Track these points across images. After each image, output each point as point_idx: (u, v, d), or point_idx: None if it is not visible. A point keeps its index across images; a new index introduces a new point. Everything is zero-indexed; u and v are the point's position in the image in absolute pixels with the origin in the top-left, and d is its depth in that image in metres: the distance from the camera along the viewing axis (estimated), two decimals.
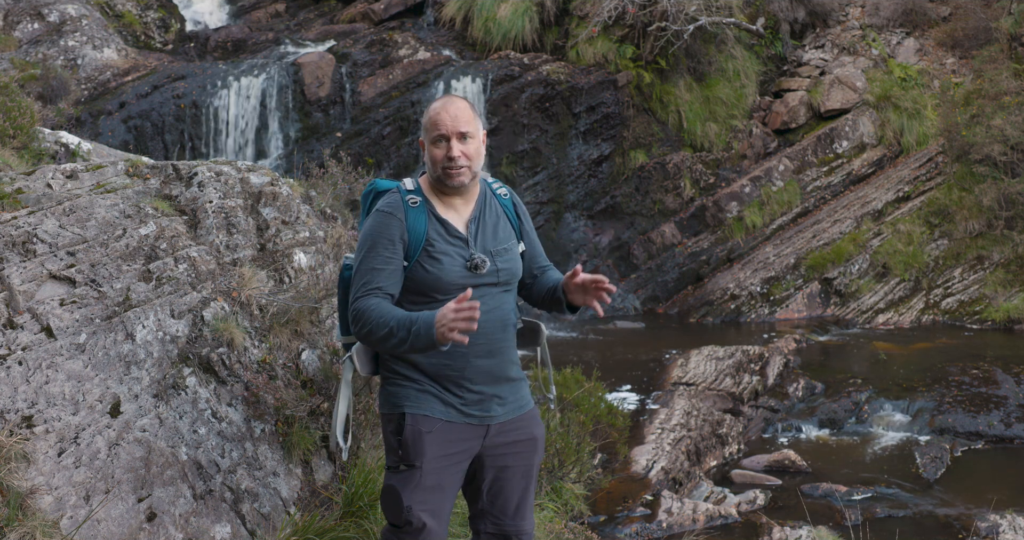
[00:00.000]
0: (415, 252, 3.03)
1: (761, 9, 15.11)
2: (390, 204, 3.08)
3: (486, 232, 3.14)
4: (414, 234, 3.03)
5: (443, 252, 3.04)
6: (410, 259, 3.03)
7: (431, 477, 3.03)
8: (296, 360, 4.41)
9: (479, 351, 3.08)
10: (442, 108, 3.07)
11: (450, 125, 3.03)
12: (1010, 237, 12.33)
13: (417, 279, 3.05)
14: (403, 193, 3.10)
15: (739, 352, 9.96)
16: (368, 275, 3.02)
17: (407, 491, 3.03)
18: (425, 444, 3.03)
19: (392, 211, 3.06)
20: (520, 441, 3.19)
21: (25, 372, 3.48)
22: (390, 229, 3.03)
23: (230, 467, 3.89)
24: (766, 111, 14.57)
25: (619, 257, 13.65)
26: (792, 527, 6.55)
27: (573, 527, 5.47)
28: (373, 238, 3.04)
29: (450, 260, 3.04)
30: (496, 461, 3.16)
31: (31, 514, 3.22)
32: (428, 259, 3.03)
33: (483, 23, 14.38)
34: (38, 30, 13.35)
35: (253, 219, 4.68)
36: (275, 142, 13.11)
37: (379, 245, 3.03)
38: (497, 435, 3.14)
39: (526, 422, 3.23)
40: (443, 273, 3.03)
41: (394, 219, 3.04)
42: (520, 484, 3.22)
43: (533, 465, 3.25)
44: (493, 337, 3.11)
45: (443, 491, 3.08)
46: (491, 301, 3.10)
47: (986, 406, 8.89)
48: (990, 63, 13.70)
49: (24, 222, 3.89)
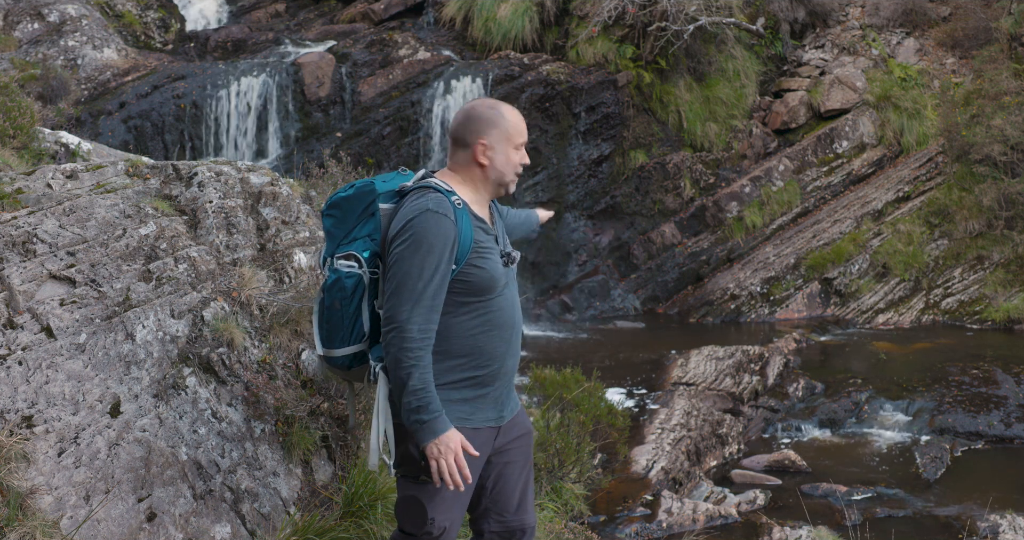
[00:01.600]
0: (465, 253, 2.95)
1: (761, 9, 15.11)
2: (439, 204, 2.91)
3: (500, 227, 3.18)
4: (464, 235, 2.96)
5: (489, 250, 3.02)
6: (460, 261, 2.95)
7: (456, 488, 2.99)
8: (296, 360, 4.41)
9: (512, 350, 3.10)
10: (518, 116, 3.09)
11: (526, 134, 3.10)
12: (1010, 237, 12.33)
13: (470, 280, 2.97)
14: (445, 194, 2.96)
15: (739, 352, 9.96)
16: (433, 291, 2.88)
17: (432, 504, 2.99)
18: None
19: (445, 213, 2.91)
20: (519, 436, 3.21)
21: (25, 372, 3.48)
22: (447, 232, 2.89)
23: (230, 467, 3.89)
24: (766, 111, 14.57)
25: (619, 257, 13.65)
26: (792, 527, 6.55)
27: (573, 527, 5.47)
28: (432, 243, 2.87)
29: (494, 257, 3.03)
30: (500, 458, 3.16)
31: (31, 514, 3.22)
32: (479, 259, 2.98)
33: (483, 23, 14.38)
34: (38, 30, 13.35)
35: (253, 219, 4.68)
36: (275, 142, 13.12)
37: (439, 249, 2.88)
38: (504, 434, 3.14)
39: (521, 416, 3.25)
40: (494, 270, 3.01)
41: (448, 221, 2.90)
42: (521, 478, 3.21)
43: (529, 458, 3.25)
44: (519, 330, 3.14)
45: (465, 498, 3.08)
46: (514, 294, 3.12)
47: (986, 406, 8.89)
48: (990, 63, 13.70)
49: (24, 222, 3.89)
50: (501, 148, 3.04)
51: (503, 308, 3.06)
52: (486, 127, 3.03)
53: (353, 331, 3.07)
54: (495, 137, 3.03)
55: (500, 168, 3.05)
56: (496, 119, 3.04)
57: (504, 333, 3.07)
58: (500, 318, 3.05)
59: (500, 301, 3.05)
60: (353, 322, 3.06)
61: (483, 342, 3.03)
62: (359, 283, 3.03)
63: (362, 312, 3.06)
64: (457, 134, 3.06)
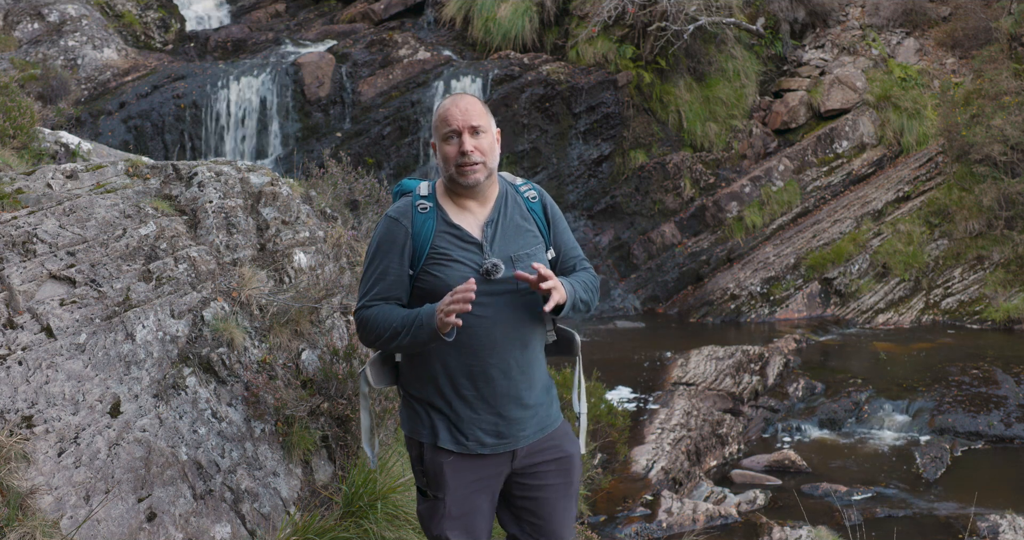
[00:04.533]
0: (420, 259, 2.91)
1: (761, 9, 15.11)
2: (398, 209, 2.99)
3: (506, 236, 2.96)
4: (419, 240, 2.91)
5: (454, 258, 2.89)
6: (415, 266, 2.92)
7: (457, 507, 2.94)
8: (296, 360, 4.41)
9: (496, 370, 2.90)
10: (452, 104, 2.91)
11: (461, 119, 2.87)
12: (1010, 237, 12.33)
13: (424, 286, 2.92)
14: (414, 198, 2.99)
15: (739, 352, 9.96)
16: (373, 284, 2.96)
17: (435, 520, 2.96)
18: (447, 476, 2.92)
19: (398, 217, 2.96)
20: (552, 460, 3.03)
21: (25, 372, 3.48)
22: (395, 235, 2.94)
23: (230, 467, 3.89)
24: (766, 111, 14.57)
25: (619, 257, 13.65)
26: (792, 527, 6.55)
27: (573, 527, 5.46)
28: (378, 244, 2.97)
29: (461, 266, 2.89)
30: (527, 482, 3.01)
31: (31, 514, 3.22)
32: (435, 266, 2.90)
33: (483, 23, 14.39)
34: (38, 30, 13.34)
35: (253, 219, 4.68)
36: (275, 142, 13.11)
37: (382, 251, 2.95)
38: (526, 457, 2.99)
39: (557, 440, 3.05)
40: (451, 279, 2.86)
41: (399, 225, 2.94)
42: (556, 506, 3.04)
43: (571, 484, 3.07)
44: (510, 354, 2.92)
45: (474, 515, 2.97)
46: (507, 311, 2.91)
47: (986, 406, 8.89)
48: (990, 63, 13.70)
49: (24, 222, 3.89)
50: (438, 144, 2.95)
51: (475, 326, 2.85)
52: (432, 127, 3.10)
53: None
54: (433, 135, 2.99)
55: (442, 164, 2.95)
56: (433, 116, 3.08)
57: (479, 355, 2.89)
58: (469, 338, 2.86)
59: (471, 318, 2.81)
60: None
61: (452, 362, 2.91)
62: None
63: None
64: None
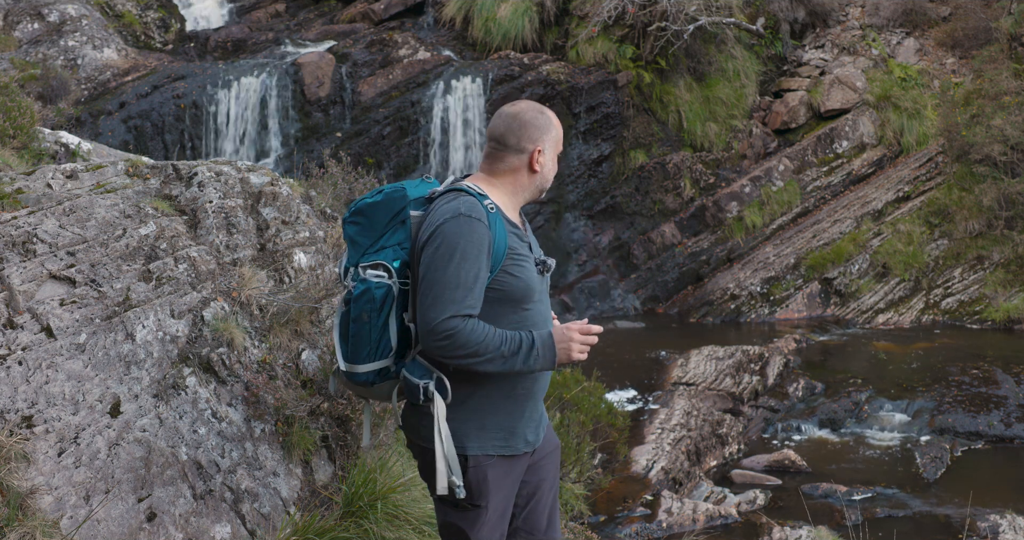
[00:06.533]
0: (500, 260, 2.80)
1: (761, 9, 15.11)
2: (472, 208, 2.77)
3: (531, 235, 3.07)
4: (499, 240, 2.81)
5: (523, 257, 2.87)
6: (494, 268, 2.80)
7: (497, 512, 2.94)
8: (296, 360, 4.41)
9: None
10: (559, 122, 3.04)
11: None
12: (1010, 237, 12.33)
13: (505, 288, 2.83)
14: (477, 196, 2.83)
15: (739, 352, 9.96)
16: (467, 290, 2.73)
17: (475, 531, 2.92)
18: (491, 484, 2.89)
19: (479, 217, 2.77)
20: (549, 452, 3.12)
21: (25, 372, 3.48)
22: (481, 236, 2.75)
23: (230, 467, 3.89)
24: (766, 111, 14.58)
25: (619, 257, 13.65)
26: (792, 527, 6.55)
27: (573, 527, 5.47)
28: (464, 246, 2.74)
29: (528, 265, 2.87)
30: (532, 477, 3.07)
31: (31, 514, 3.22)
32: (514, 266, 2.83)
33: (483, 23, 14.39)
34: (38, 30, 13.35)
35: (253, 219, 4.68)
36: (275, 142, 13.12)
37: (473, 253, 2.74)
38: (537, 451, 3.07)
39: (550, 432, 3.16)
40: (530, 278, 2.85)
41: (482, 225, 2.76)
42: (549, 496, 3.12)
43: (557, 473, 3.18)
44: None
45: (505, 520, 3.00)
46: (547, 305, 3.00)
47: (986, 406, 8.89)
48: (990, 63, 13.70)
49: (24, 222, 3.89)
50: (551, 155, 2.97)
51: (538, 321, 2.91)
52: (541, 134, 2.94)
53: (380, 345, 2.87)
54: (547, 143, 2.95)
55: (547, 175, 2.99)
56: (547, 126, 2.96)
57: None
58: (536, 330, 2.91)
59: (534, 313, 2.89)
60: (380, 335, 2.87)
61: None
62: (388, 294, 2.83)
63: (390, 325, 2.86)
64: (508, 139, 2.92)
